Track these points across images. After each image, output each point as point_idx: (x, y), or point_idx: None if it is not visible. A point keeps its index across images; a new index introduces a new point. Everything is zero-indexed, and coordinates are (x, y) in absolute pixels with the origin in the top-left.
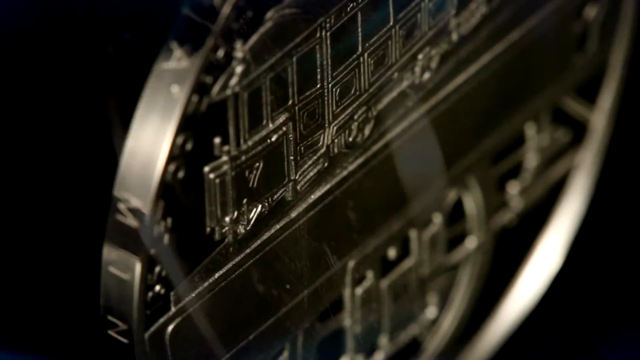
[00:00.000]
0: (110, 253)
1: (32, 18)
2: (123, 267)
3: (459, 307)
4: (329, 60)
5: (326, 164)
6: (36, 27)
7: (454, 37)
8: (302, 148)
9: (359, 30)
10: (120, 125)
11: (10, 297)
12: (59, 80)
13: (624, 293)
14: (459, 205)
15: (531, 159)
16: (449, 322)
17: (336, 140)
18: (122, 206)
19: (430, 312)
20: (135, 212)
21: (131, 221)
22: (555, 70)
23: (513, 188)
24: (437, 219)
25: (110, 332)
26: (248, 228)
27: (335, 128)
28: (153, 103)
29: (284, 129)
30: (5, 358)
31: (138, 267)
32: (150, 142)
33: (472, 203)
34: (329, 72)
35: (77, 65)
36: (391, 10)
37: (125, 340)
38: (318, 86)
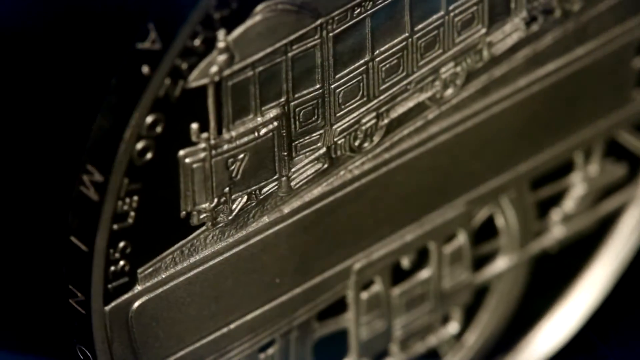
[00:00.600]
0: (72, 222)
1: (32, 18)
2: (83, 238)
3: (486, 326)
4: (331, 62)
5: (326, 165)
6: (36, 27)
7: (485, 56)
8: (298, 145)
9: (369, 36)
10: (94, 101)
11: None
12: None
13: (624, 293)
14: (492, 224)
15: (578, 189)
16: (473, 339)
17: (340, 142)
18: (86, 178)
19: (453, 327)
20: (97, 185)
21: (93, 194)
22: (611, 103)
23: (556, 215)
24: (462, 234)
25: (71, 301)
26: (231, 217)
27: (337, 130)
28: (124, 81)
29: (275, 124)
30: (5, 358)
31: (97, 241)
32: (117, 119)
33: (504, 224)
34: (331, 73)
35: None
36: (408, 20)
37: (83, 311)
38: (317, 86)
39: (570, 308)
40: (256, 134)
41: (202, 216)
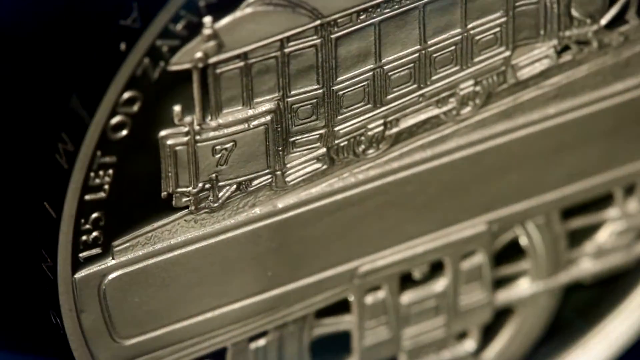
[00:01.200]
0: (45, 189)
1: (32, 18)
2: (53, 205)
3: (507, 348)
4: (333, 64)
5: (326, 166)
6: (36, 27)
7: (509, 78)
8: (295, 142)
9: (376, 43)
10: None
11: None
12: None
13: None
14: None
15: (615, 224)
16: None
17: (342, 145)
18: (60, 146)
19: (469, 344)
20: (68, 154)
21: (64, 162)
22: None
23: (589, 247)
24: (482, 253)
25: (43, 265)
26: (217, 204)
27: (340, 132)
28: (102, 55)
29: (268, 117)
30: (5, 358)
31: (65, 208)
32: (91, 91)
33: (531, 249)
34: (333, 75)
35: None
36: (421, 32)
37: (51, 277)
38: (317, 86)
39: (600, 343)
40: (246, 125)
41: (184, 199)
